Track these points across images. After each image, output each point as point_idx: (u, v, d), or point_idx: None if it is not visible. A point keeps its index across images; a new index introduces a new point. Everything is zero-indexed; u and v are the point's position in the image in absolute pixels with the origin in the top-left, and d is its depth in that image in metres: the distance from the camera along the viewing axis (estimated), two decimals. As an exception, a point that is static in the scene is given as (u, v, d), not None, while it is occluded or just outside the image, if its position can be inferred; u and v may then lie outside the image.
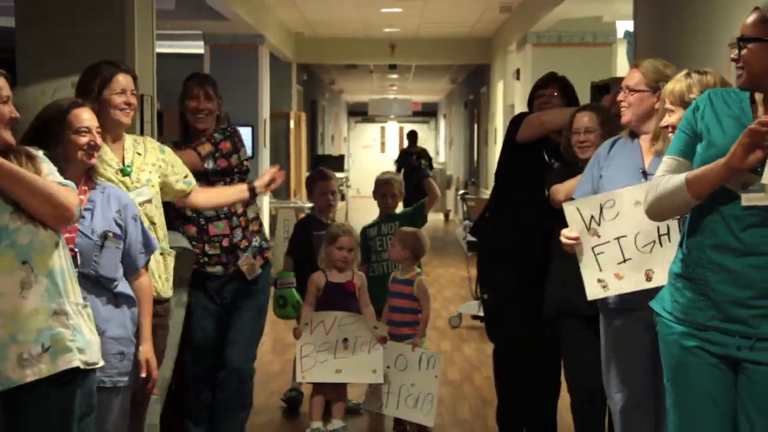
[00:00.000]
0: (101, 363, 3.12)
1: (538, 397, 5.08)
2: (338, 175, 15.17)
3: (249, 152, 5.14)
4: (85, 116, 3.47)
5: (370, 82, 22.22)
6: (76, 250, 3.36)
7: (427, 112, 31.06)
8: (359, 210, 17.76)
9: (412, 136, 17.94)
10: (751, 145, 2.72)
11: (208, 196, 4.45)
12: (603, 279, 3.74)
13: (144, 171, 4.06)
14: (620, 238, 3.72)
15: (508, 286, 5.06)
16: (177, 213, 4.61)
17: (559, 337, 4.46)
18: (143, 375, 3.58)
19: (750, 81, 2.87)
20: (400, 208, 6.13)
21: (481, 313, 8.37)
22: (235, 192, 4.55)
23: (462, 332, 8.51)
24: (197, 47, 10.72)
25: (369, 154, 31.00)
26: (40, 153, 3.05)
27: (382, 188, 5.95)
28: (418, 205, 6.02)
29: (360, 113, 30.49)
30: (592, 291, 3.78)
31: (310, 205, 7.02)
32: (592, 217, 3.79)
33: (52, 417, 2.85)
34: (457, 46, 15.10)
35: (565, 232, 3.86)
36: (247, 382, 4.81)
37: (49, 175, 2.98)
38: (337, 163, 17.36)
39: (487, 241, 5.25)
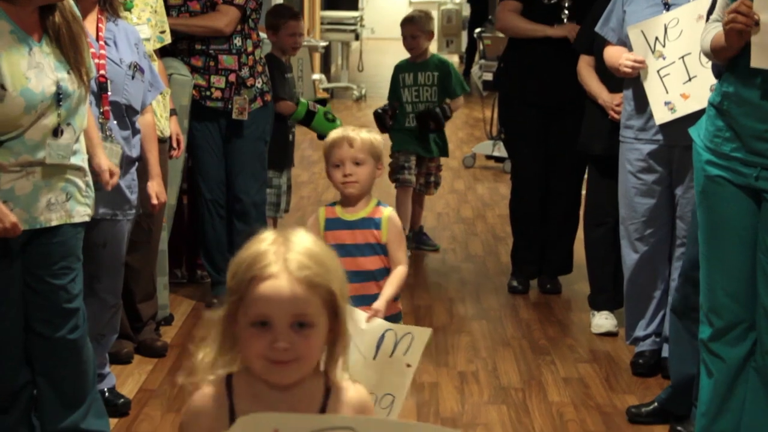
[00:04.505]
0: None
1: (553, 235, 5.17)
2: (353, 14, 15.01)
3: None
4: None
5: None
6: (107, 77, 3.39)
7: (443, -50, 30.32)
8: (373, 52, 17.54)
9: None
10: (738, 32, 2.73)
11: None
12: (670, 101, 3.72)
13: (144, 11, 4.04)
14: (685, 56, 3.68)
15: (522, 126, 5.11)
16: (185, 44, 4.61)
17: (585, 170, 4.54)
18: (154, 202, 3.67)
19: None
20: (433, 48, 5.79)
21: (495, 153, 8.51)
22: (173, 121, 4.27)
23: (476, 172, 8.57)
24: None
25: (385, -8, 30.41)
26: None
27: (405, 28, 5.67)
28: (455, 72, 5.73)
29: (376, -50, 29.76)
30: (660, 115, 3.75)
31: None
32: (657, 38, 3.74)
33: (59, 255, 3.01)
34: None
35: (629, 56, 3.81)
36: (261, 208, 4.89)
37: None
38: (352, 0, 17.06)
39: (503, 82, 5.28)
